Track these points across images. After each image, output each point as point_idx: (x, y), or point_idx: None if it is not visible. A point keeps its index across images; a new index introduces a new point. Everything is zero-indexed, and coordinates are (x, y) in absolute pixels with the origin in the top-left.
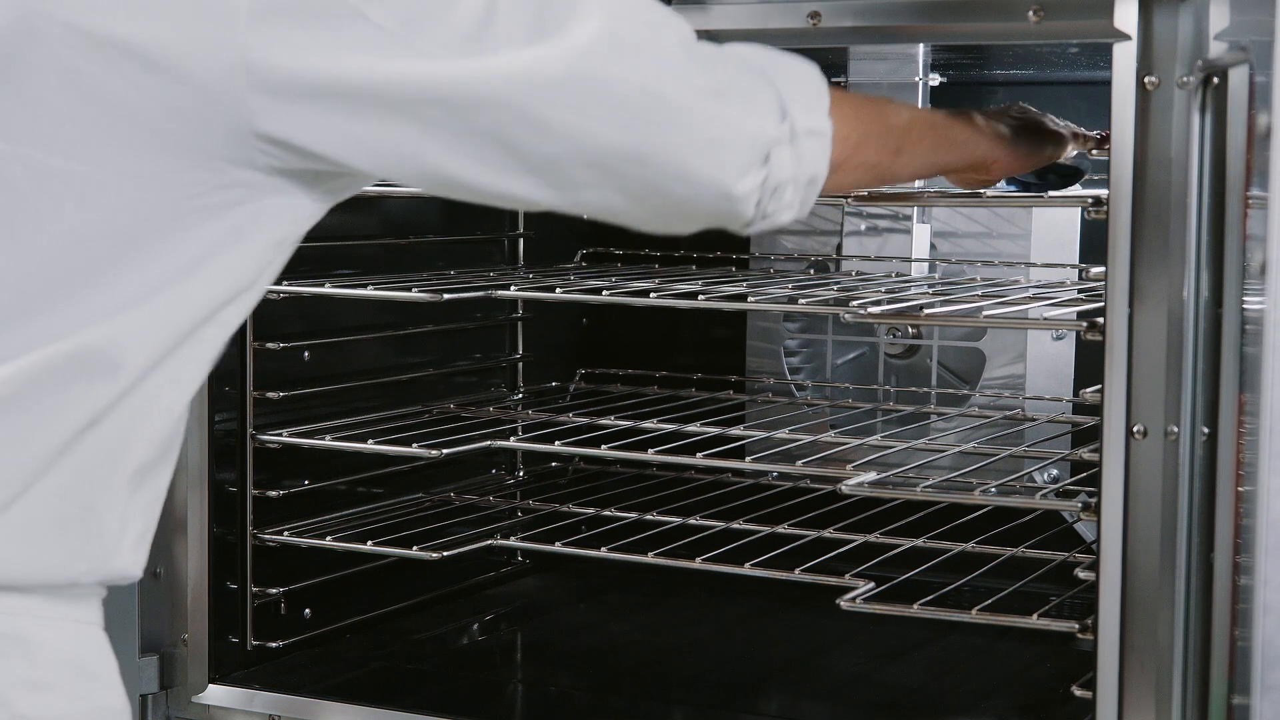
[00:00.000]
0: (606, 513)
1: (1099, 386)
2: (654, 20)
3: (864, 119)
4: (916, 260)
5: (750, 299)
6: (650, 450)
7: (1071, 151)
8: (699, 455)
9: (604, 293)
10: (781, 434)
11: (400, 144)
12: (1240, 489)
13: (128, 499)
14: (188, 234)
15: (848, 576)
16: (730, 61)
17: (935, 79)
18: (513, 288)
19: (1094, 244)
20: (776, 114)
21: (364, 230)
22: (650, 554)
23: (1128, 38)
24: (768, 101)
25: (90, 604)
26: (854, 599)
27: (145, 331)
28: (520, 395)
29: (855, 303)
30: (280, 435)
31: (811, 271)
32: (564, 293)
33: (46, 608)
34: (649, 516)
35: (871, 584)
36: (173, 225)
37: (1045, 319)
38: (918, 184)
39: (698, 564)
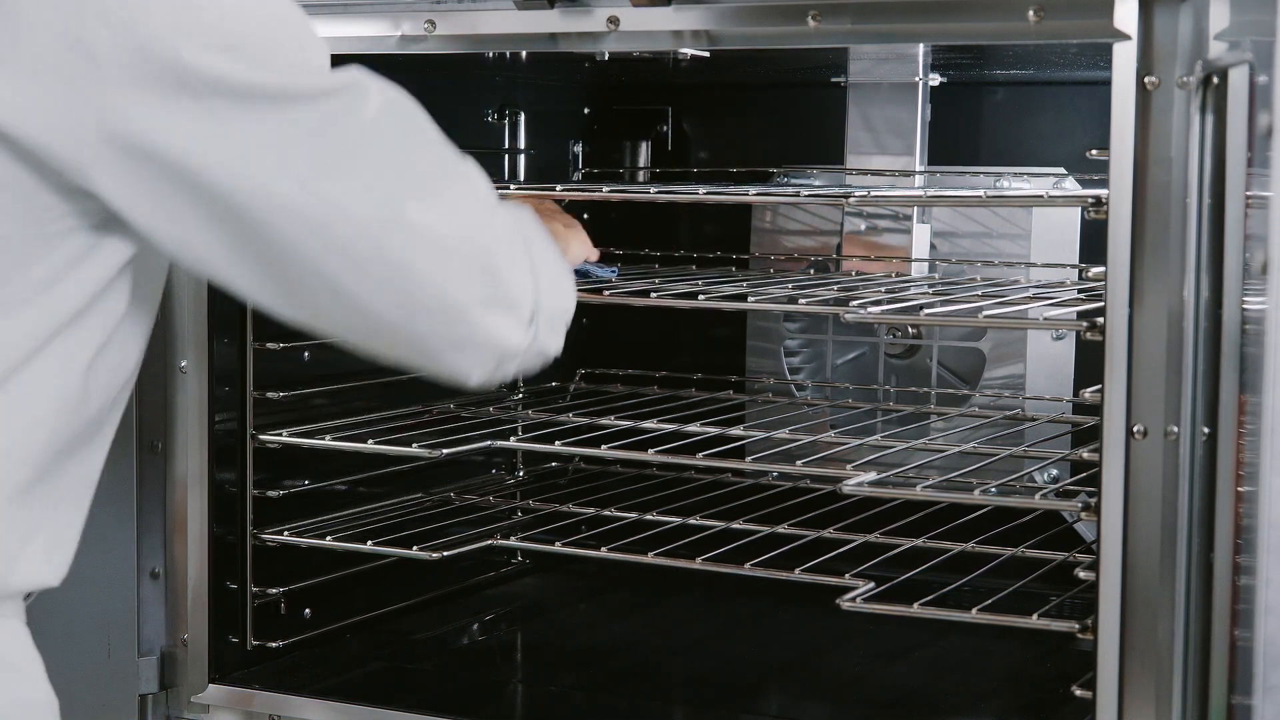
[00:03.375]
0: (606, 513)
1: (1099, 386)
2: (474, 213)
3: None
4: (916, 260)
5: (750, 299)
6: (650, 450)
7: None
8: (699, 455)
9: (604, 293)
10: (781, 434)
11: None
12: (1240, 489)
13: (16, 514)
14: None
15: (848, 576)
16: (511, 251)
17: (935, 79)
18: None
19: (1094, 244)
20: (526, 320)
21: None
22: (650, 554)
23: (1128, 38)
24: (524, 308)
25: (8, 602)
26: (854, 599)
27: None
28: (520, 395)
29: (855, 303)
30: (280, 435)
31: (811, 271)
32: None
33: None
34: (649, 516)
35: (871, 584)
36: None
37: (1045, 319)
38: (917, 183)
39: (698, 564)
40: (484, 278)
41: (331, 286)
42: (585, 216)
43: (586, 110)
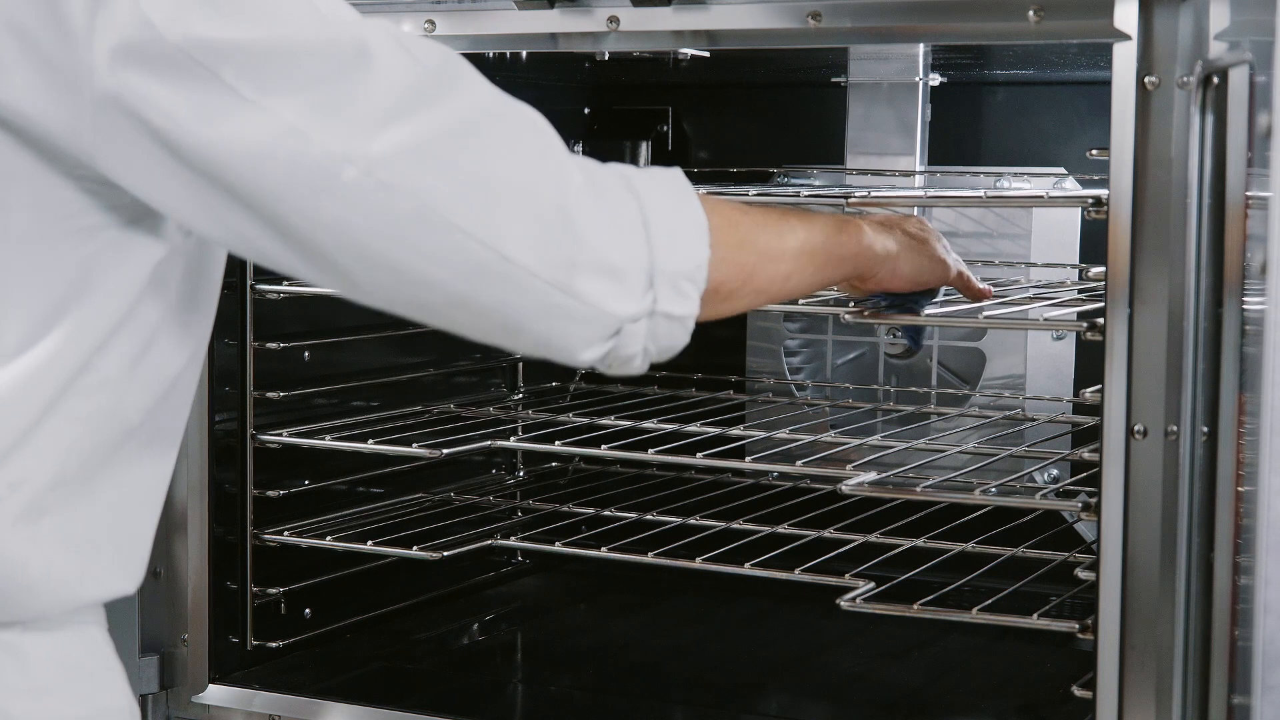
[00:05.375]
0: (606, 513)
1: (1099, 386)
2: (530, 160)
3: (756, 247)
4: None
5: None
6: (650, 450)
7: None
8: (699, 455)
9: None
10: (781, 434)
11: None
12: (1240, 489)
13: (72, 525)
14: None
15: (848, 576)
16: (605, 207)
17: (935, 79)
18: None
19: (1094, 244)
20: (641, 286)
21: None
22: (650, 554)
23: (1128, 38)
24: (634, 270)
25: (86, 611)
26: (854, 599)
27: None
28: (520, 395)
29: (855, 303)
30: (280, 435)
31: None
32: None
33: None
34: (649, 516)
35: (871, 584)
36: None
37: (1045, 319)
38: (917, 183)
39: (698, 564)
40: (557, 232)
41: (385, 263)
42: None
43: (586, 110)
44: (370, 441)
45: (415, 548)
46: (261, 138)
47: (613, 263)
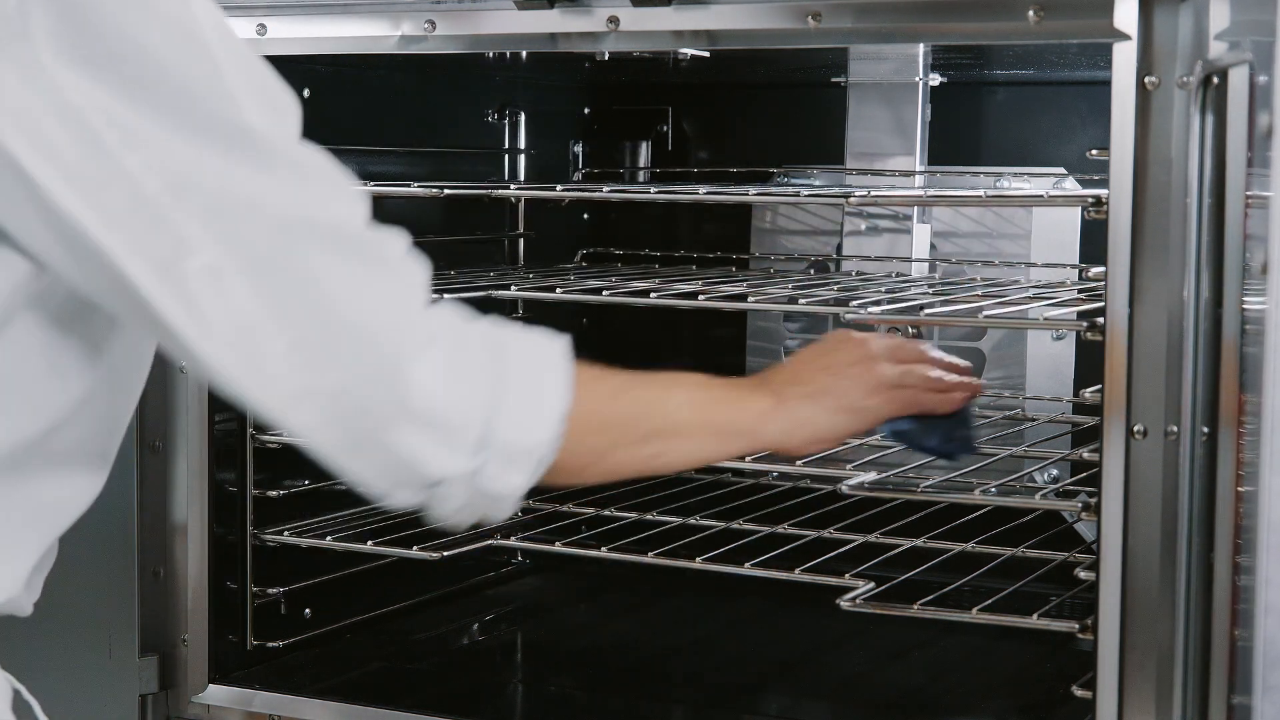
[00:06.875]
0: (606, 513)
1: (1099, 386)
2: (382, 298)
3: (619, 427)
4: (916, 260)
5: (750, 299)
6: None
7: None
8: None
9: (604, 293)
10: None
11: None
12: (1240, 489)
13: None
14: None
15: (848, 576)
16: (456, 364)
17: (935, 79)
18: (513, 288)
19: (1094, 244)
20: (469, 449)
21: None
22: (650, 554)
23: (1128, 38)
24: (465, 434)
25: None
26: (854, 599)
27: None
28: None
29: (855, 303)
30: (280, 435)
31: (811, 271)
32: (564, 293)
33: None
34: (649, 516)
35: (871, 584)
36: None
37: (1045, 319)
38: (917, 183)
39: (698, 564)
40: (389, 382)
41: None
42: (585, 217)
43: (586, 110)
44: None
45: (415, 548)
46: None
47: (443, 421)
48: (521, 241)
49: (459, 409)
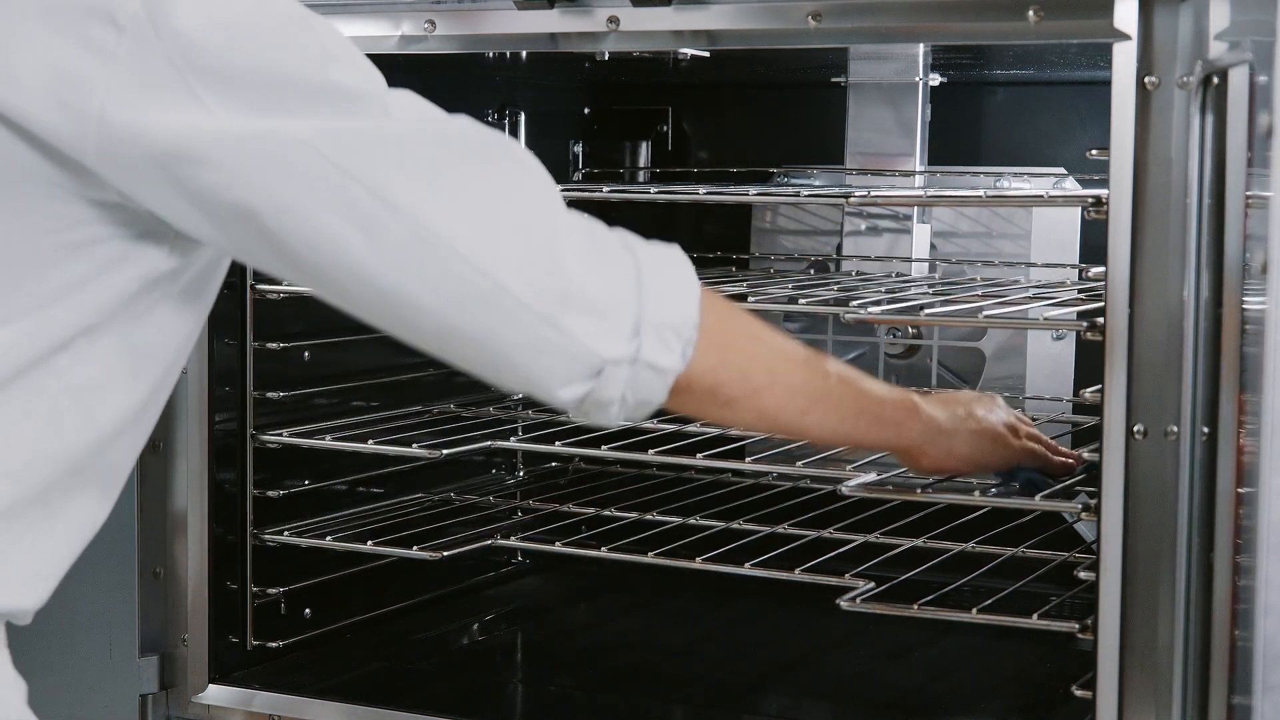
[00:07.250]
0: (606, 513)
1: (1099, 386)
2: (528, 198)
3: (780, 367)
4: (916, 260)
5: (750, 299)
6: (650, 450)
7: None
8: (699, 455)
9: None
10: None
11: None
12: (1240, 489)
13: None
14: (50, 269)
15: (848, 576)
16: (597, 252)
17: (935, 79)
18: None
19: (1094, 244)
20: (627, 330)
21: None
22: (650, 554)
23: (1128, 38)
24: (621, 314)
25: None
26: (854, 599)
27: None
28: (520, 395)
29: (855, 303)
30: (280, 435)
31: (811, 271)
32: None
33: None
34: (649, 516)
35: (871, 584)
36: (35, 259)
37: (1045, 319)
38: (917, 183)
39: (698, 564)
40: (549, 267)
41: (380, 285)
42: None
43: (586, 110)
44: (370, 442)
45: (415, 548)
46: (272, 149)
47: (600, 303)
48: None
49: (611, 291)
